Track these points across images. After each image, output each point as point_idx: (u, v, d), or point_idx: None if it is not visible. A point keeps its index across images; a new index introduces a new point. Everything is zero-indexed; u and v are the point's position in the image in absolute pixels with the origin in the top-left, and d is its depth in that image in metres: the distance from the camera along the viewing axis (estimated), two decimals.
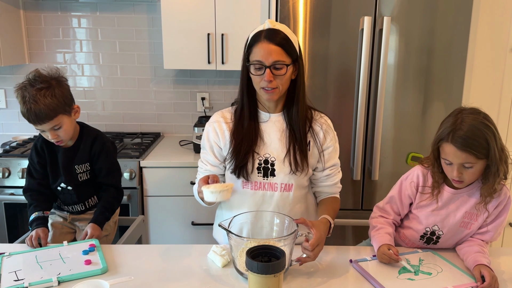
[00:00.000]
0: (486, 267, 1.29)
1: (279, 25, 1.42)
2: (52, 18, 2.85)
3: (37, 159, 1.67)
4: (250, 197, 1.51)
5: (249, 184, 1.50)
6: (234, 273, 1.32)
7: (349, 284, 1.30)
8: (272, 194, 1.50)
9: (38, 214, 1.58)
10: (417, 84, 2.18)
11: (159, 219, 2.49)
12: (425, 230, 1.46)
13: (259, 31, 1.42)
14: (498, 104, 2.49)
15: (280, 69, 1.39)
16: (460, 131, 1.28)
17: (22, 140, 2.75)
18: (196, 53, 2.56)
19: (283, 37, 1.39)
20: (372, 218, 1.54)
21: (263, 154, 1.49)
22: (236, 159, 1.48)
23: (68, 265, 1.33)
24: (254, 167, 1.48)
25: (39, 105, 1.46)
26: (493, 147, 1.27)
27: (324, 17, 2.11)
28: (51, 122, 1.51)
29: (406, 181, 1.48)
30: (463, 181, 1.33)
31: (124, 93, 2.97)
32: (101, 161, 1.68)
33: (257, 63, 1.39)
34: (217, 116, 1.57)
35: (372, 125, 2.20)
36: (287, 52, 1.39)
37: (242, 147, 1.48)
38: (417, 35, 2.13)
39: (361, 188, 2.29)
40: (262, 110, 1.52)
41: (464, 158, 1.28)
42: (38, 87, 1.48)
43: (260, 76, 1.40)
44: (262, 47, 1.38)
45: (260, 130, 1.51)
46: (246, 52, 1.44)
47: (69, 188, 1.69)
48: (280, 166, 1.48)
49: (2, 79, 2.93)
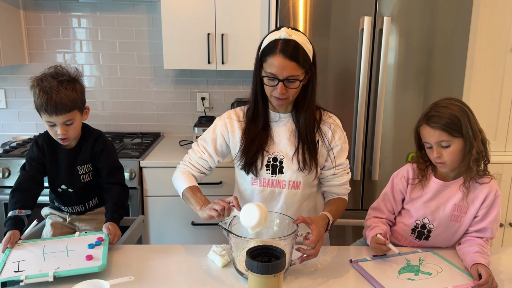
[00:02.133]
0: (483, 266, 1.30)
1: (295, 34, 1.41)
2: (52, 18, 2.85)
3: (37, 154, 1.65)
4: (259, 194, 1.54)
5: (257, 180, 1.53)
6: (234, 273, 1.32)
7: (349, 284, 1.30)
8: (281, 191, 1.53)
9: (11, 214, 1.54)
10: (417, 84, 2.18)
11: (159, 219, 2.49)
12: (415, 223, 1.48)
13: (275, 40, 1.40)
14: (498, 104, 2.49)
15: (293, 82, 1.41)
16: (432, 112, 1.38)
17: (22, 140, 2.75)
18: (196, 53, 2.56)
19: (298, 50, 1.39)
20: (366, 220, 1.57)
21: (272, 152, 1.52)
22: (247, 156, 1.52)
23: (70, 259, 1.33)
24: (263, 164, 1.51)
25: (60, 95, 1.49)
26: (465, 124, 1.34)
27: (324, 17, 2.11)
28: (67, 115, 1.52)
29: (397, 177, 1.53)
30: (444, 162, 1.38)
31: (124, 93, 2.97)
32: (104, 160, 1.67)
33: (271, 76, 1.40)
34: (230, 113, 1.61)
35: (372, 125, 2.20)
36: (301, 65, 1.40)
37: (253, 146, 1.51)
38: (417, 35, 2.13)
39: (361, 188, 2.29)
40: (272, 110, 1.55)
41: (438, 136, 1.36)
42: (61, 79, 1.52)
43: (273, 87, 1.42)
44: (277, 61, 1.38)
45: (271, 129, 1.54)
46: (259, 58, 1.44)
47: (70, 190, 1.68)
48: (288, 164, 1.51)
49: (2, 79, 2.93)
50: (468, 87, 2.18)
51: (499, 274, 1.33)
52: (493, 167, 1.49)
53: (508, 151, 2.56)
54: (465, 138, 1.35)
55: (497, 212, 1.44)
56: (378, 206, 1.56)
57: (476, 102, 2.44)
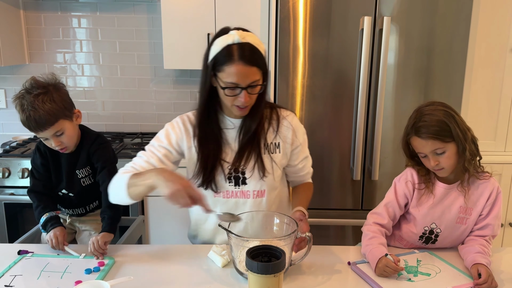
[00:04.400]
0: (484, 265, 1.30)
1: (248, 36, 1.31)
2: (52, 18, 2.85)
3: (41, 160, 1.63)
4: (223, 205, 1.48)
5: (220, 193, 1.47)
6: (234, 273, 1.32)
7: (349, 284, 1.30)
8: (245, 201, 1.48)
9: (50, 215, 1.54)
10: (417, 84, 2.18)
11: (159, 219, 2.49)
12: (423, 230, 1.46)
13: (227, 45, 1.29)
14: (498, 104, 2.49)
15: (255, 87, 1.33)
16: (419, 122, 1.36)
17: (22, 140, 2.75)
18: (196, 53, 2.53)
19: (255, 53, 1.31)
20: (365, 225, 1.50)
21: (231, 162, 1.44)
22: (204, 173, 1.43)
23: (61, 282, 1.28)
24: (225, 177, 1.44)
25: (38, 112, 1.42)
26: (454, 127, 1.33)
27: (324, 17, 2.11)
28: (52, 128, 1.47)
29: (400, 181, 1.49)
30: (443, 168, 1.37)
31: (124, 93, 2.97)
32: (98, 158, 1.63)
33: (232, 85, 1.30)
34: (184, 117, 1.50)
35: (372, 125, 2.20)
36: (261, 68, 1.32)
37: (209, 159, 1.42)
38: (417, 35, 2.13)
39: (361, 188, 2.29)
40: (227, 115, 1.46)
41: (431, 145, 1.35)
42: (35, 93, 1.44)
43: (234, 96, 1.33)
44: (236, 68, 1.28)
45: (226, 136, 1.46)
46: (212, 66, 1.32)
47: (71, 194, 1.67)
48: (250, 173, 1.45)
49: (2, 79, 2.93)
50: (468, 87, 2.18)
51: (499, 274, 1.33)
52: (493, 167, 1.49)
53: (508, 151, 2.56)
54: (456, 140, 1.34)
55: (499, 209, 1.44)
56: (379, 211, 1.50)
57: (476, 102, 2.44)
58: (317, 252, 1.45)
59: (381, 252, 1.34)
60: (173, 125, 1.49)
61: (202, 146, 1.44)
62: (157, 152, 1.45)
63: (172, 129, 1.48)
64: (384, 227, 1.47)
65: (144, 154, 1.46)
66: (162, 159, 1.43)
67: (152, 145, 1.48)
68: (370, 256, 1.36)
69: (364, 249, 1.41)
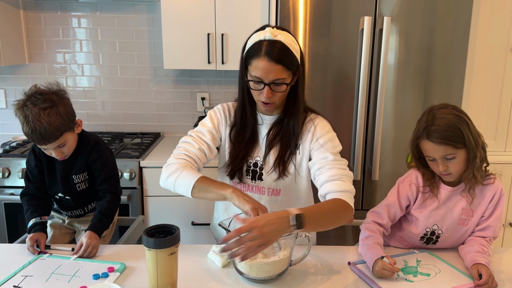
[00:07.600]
0: (484, 265, 1.30)
1: (280, 34, 1.34)
2: (52, 18, 2.85)
3: (35, 162, 1.62)
4: None
5: (240, 184, 1.50)
6: (234, 273, 1.32)
7: (349, 284, 1.30)
8: (260, 197, 1.49)
9: (35, 221, 1.52)
10: (417, 84, 2.18)
11: (159, 219, 2.49)
12: (425, 231, 1.46)
13: (259, 41, 1.34)
14: (498, 104, 2.49)
15: (279, 86, 1.35)
16: (433, 126, 1.33)
17: (22, 140, 2.75)
18: (196, 53, 2.56)
19: (284, 52, 1.32)
20: (364, 223, 1.49)
21: (254, 157, 1.48)
22: (233, 163, 1.47)
23: (67, 286, 1.27)
24: (246, 170, 1.49)
25: (44, 125, 1.40)
26: (467, 134, 1.31)
27: (324, 17, 2.11)
28: (56, 142, 1.46)
29: (403, 183, 1.47)
30: (450, 173, 1.36)
31: (124, 93, 2.97)
32: (98, 168, 1.62)
33: (256, 79, 1.34)
34: (224, 106, 1.55)
35: (372, 125, 2.20)
36: (288, 67, 1.34)
37: (240, 152, 1.47)
38: (417, 35, 2.13)
39: (361, 188, 2.29)
40: (259, 111, 1.50)
41: (443, 151, 1.32)
42: (42, 107, 1.41)
43: (259, 91, 1.37)
44: (261, 63, 1.31)
45: (257, 134, 1.50)
46: (244, 59, 1.39)
47: (67, 197, 1.66)
48: (267, 171, 1.47)
49: (2, 79, 2.93)
50: (468, 87, 2.18)
51: (499, 274, 1.33)
52: (493, 167, 1.49)
53: (508, 151, 2.56)
54: (468, 147, 1.32)
55: (501, 211, 1.43)
56: (380, 210, 1.49)
57: (476, 102, 2.44)
58: (317, 252, 1.45)
59: (377, 254, 1.33)
60: (215, 111, 1.54)
61: (238, 137, 1.49)
62: (205, 138, 1.48)
63: (215, 115, 1.53)
64: (382, 227, 1.47)
65: (194, 140, 1.48)
66: (210, 144, 1.48)
67: (198, 131, 1.51)
68: (366, 258, 1.36)
69: (360, 248, 1.41)
